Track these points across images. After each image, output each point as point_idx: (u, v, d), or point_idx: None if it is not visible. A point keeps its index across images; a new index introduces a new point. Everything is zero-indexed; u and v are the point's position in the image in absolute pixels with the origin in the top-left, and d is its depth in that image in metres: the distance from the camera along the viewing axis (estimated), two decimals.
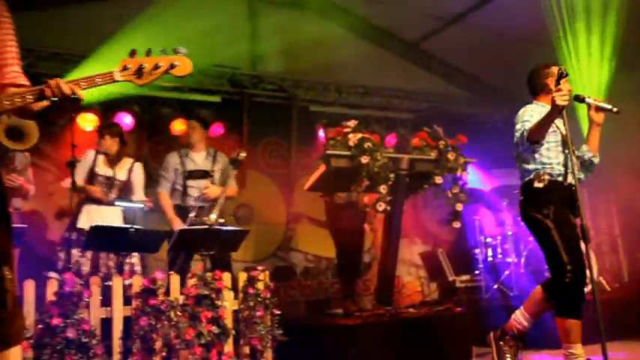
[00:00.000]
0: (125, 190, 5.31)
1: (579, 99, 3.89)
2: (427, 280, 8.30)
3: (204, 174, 5.55)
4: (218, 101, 7.34)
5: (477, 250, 7.27)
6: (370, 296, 7.26)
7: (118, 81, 2.19)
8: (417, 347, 4.95)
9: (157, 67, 2.22)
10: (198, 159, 5.64)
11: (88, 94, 2.25)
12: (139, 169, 5.44)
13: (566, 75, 3.53)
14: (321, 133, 7.53)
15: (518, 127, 3.81)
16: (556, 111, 3.48)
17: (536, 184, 3.76)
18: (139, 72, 2.20)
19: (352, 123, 5.29)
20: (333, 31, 8.21)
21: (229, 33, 7.48)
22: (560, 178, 3.78)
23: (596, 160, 4.01)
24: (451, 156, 5.50)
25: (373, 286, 7.29)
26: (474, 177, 7.04)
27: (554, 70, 3.77)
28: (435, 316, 5.37)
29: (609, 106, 3.82)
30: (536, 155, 3.82)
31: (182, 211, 5.43)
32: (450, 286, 7.36)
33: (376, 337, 4.95)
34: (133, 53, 2.22)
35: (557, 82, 3.52)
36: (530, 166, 3.85)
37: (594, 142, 3.97)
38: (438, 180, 5.49)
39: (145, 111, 6.87)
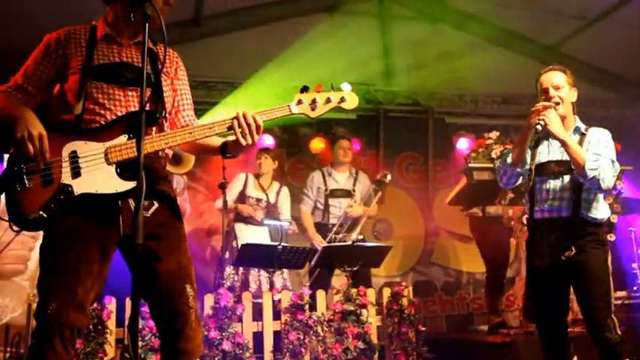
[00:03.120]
0: (272, 213, 5.56)
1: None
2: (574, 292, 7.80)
3: (346, 193, 5.69)
4: (354, 118, 7.44)
5: (635, 265, 6.73)
6: (515, 312, 6.98)
7: (294, 114, 2.37)
8: None
9: (328, 100, 2.40)
10: (341, 179, 5.80)
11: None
12: (286, 192, 5.72)
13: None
14: (459, 146, 7.41)
15: None
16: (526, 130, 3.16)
17: None
18: (313, 105, 2.38)
19: (494, 134, 5.16)
20: (465, 40, 8.05)
21: (362, 50, 7.59)
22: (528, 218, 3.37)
23: (589, 175, 3.06)
24: None
25: (517, 301, 7.00)
26: (629, 185, 6.53)
27: (538, 83, 3.32)
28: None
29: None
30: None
31: (322, 228, 5.59)
32: None
33: (526, 356, 4.74)
34: (304, 89, 2.39)
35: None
36: None
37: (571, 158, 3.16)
38: None
39: (284, 131, 7.14)
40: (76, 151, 2.22)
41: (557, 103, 3.19)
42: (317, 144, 7.18)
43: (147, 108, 2.28)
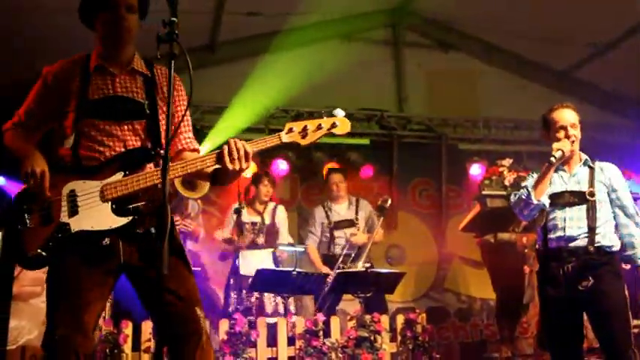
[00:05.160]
0: (271, 234, 5.59)
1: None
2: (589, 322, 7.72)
3: (350, 223, 5.78)
4: (367, 144, 7.50)
5: None
6: (529, 339, 6.92)
7: (285, 142, 2.40)
8: None
9: (319, 127, 2.42)
10: (342, 210, 5.91)
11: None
12: (281, 211, 5.73)
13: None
14: (472, 172, 7.44)
15: None
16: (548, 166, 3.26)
17: None
18: (304, 132, 2.40)
19: (507, 162, 5.20)
20: (478, 67, 8.14)
21: (376, 76, 7.70)
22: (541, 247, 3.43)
23: None
24: None
25: (531, 329, 6.95)
26: None
27: (552, 118, 3.41)
28: None
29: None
30: None
31: (329, 259, 5.66)
32: None
33: None
34: (296, 117, 2.42)
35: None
36: None
37: None
38: None
39: (298, 156, 7.18)
40: (75, 190, 2.32)
41: (573, 142, 3.34)
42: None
43: (142, 144, 2.42)
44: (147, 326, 4.32)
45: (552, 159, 3.23)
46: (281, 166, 6.88)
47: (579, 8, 6.56)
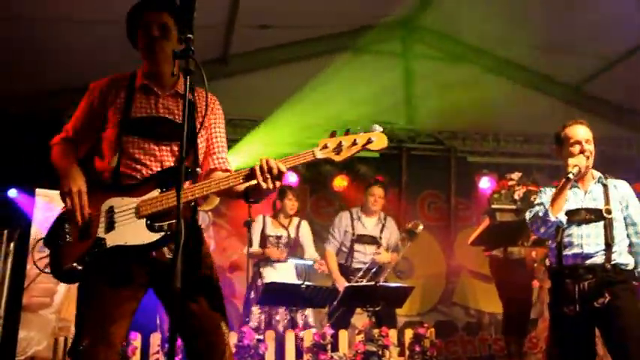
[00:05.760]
0: (294, 247, 5.58)
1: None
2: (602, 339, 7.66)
3: (373, 240, 5.72)
4: (377, 156, 7.48)
5: None
6: (538, 355, 6.88)
7: (318, 159, 2.36)
8: None
9: (354, 143, 2.37)
10: (369, 224, 5.83)
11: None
12: (306, 226, 5.75)
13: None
14: (481, 185, 7.42)
15: None
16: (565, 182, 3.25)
17: None
18: (338, 149, 2.37)
19: (516, 175, 5.19)
20: (487, 79, 8.12)
21: (385, 88, 7.70)
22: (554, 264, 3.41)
23: None
24: None
25: (540, 343, 6.91)
26: None
27: (566, 133, 3.40)
28: None
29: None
30: None
31: (345, 271, 5.62)
32: None
33: None
34: (332, 134, 2.40)
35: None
36: None
37: None
38: None
39: (307, 168, 7.19)
40: (113, 206, 2.36)
41: (588, 157, 3.34)
42: (340, 182, 7.23)
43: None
44: (155, 338, 4.34)
45: (570, 175, 3.23)
46: (290, 178, 6.89)
47: (590, 21, 6.55)
